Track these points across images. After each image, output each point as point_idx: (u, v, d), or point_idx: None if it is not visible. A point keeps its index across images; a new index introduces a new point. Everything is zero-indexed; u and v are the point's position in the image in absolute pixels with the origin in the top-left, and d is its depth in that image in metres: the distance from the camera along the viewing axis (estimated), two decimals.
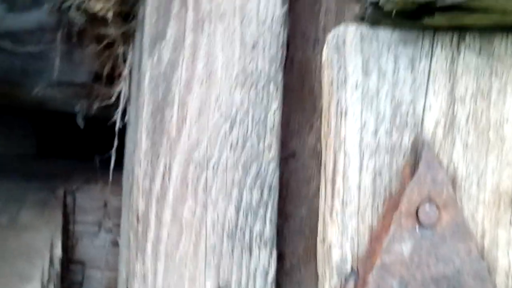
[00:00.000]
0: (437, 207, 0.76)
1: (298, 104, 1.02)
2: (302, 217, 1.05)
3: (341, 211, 0.78)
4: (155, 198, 0.84)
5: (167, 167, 0.83)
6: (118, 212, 1.16)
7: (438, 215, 0.76)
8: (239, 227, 0.86)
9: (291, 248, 1.03)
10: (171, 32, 0.82)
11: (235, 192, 0.85)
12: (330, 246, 0.78)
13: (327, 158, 0.78)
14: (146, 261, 0.84)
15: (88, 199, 1.20)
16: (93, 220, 1.21)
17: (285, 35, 0.88)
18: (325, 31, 1.03)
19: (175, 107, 0.83)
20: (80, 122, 1.10)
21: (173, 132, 0.83)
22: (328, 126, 0.78)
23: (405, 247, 0.76)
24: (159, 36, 0.82)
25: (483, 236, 0.79)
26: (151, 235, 0.84)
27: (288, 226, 1.02)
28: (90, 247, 1.20)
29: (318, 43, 1.02)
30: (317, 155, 1.02)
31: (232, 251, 0.86)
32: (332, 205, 0.78)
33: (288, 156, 1.02)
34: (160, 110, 0.83)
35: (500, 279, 0.80)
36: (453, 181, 0.78)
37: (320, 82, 0.90)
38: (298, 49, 1.01)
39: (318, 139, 1.02)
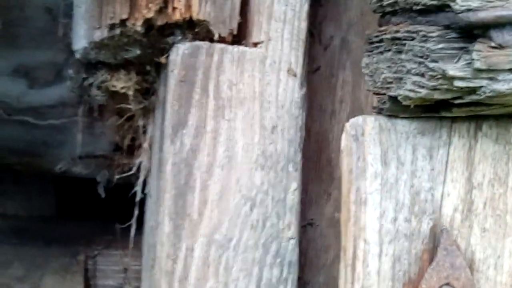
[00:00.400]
0: None
1: (316, 174, 1.04)
2: (320, 285, 1.07)
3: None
4: (177, 279, 0.86)
5: (189, 249, 0.85)
6: (138, 275, 1.18)
7: None
8: None
9: None
10: (192, 119, 0.84)
11: (255, 271, 0.87)
12: None
13: (347, 244, 0.79)
14: None
15: (109, 264, 1.22)
16: (114, 284, 1.22)
17: (304, 117, 0.90)
18: (342, 103, 1.06)
19: (197, 191, 0.85)
20: (101, 191, 1.12)
21: (195, 215, 0.85)
22: (348, 213, 0.79)
23: None
24: (181, 123, 0.84)
25: None
26: None
27: None
28: None
29: (335, 115, 1.05)
30: (335, 224, 1.03)
31: None
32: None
33: (306, 225, 1.04)
34: (182, 195, 0.85)
35: None
36: (471, 264, 0.80)
37: (337, 152, 0.93)
38: (315, 120, 1.03)
39: (336, 208, 1.04)
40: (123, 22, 0.88)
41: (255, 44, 0.90)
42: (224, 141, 0.87)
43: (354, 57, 1.02)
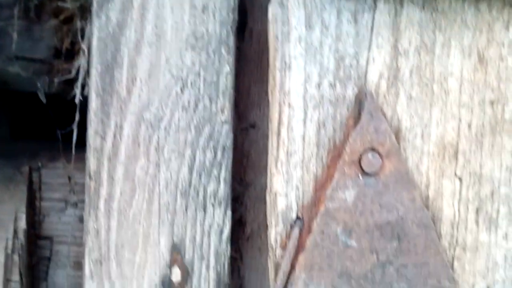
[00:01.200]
0: (380, 156, 0.78)
1: (258, 76, 1.03)
2: (262, 186, 1.06)
3: (286, 161, 0.79)
4: (106, 156, 0.85)
5: (118, 126, 0.84)
6: (83, 188, 1.17)
7: (381, 164, 0.77)
8: (192, 186, 0.87)
9: (251, 215, 1.04)
10: None
11: (188, 153, 0.87)
12: (276, 195, 0.79)
13: (273, 110, 0.79)
14: (99, 218, 0.85)
15: (54, 176, 1.21)
16: (59, 197, 1.21)
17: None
18: None
19: (125, 68, 0.84)
20: (42, 97, 1.11)
21: (123, 93, 0.84)
22: (273, 80, 0.79)
23: (349, 195, 0.77)
24: None
25: (427, 186, 0.81)
26: (103, 192, 0.85)
27: (248, 194, 1.04)
28: (57, 223, 1.21)
29: None
30: None
31: (186, 209, 0.87)
32: (278, 156, 0.79)
33: (248, 127, 1.04)
34: (109, 71, 0.84)
35: (445, 229, 0.82)
36: (397, 133, 0.80)
37: None
38: (257, 21, 1.02)
39: None
40: None
41: None
42: (152, 18, 0.86)
43: None
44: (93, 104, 0.85)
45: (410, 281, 0.80)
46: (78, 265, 1.18)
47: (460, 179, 0.82)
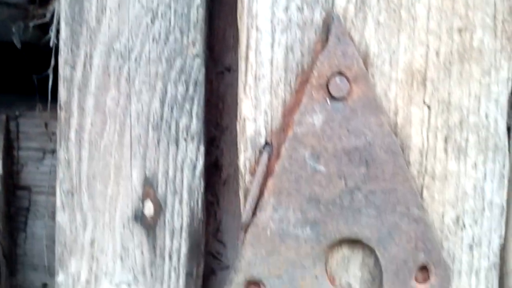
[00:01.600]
0: (348, 80, 0.78)
1: (233, 19, 1.03)
2: None
3: (254, 86, 0.79)
4: (76, 86, 0.85)
5: (88, 56, 0.84)
6: None
7: (348, 88, 0.78)
8: (164, 120, 0.87)
9: (228, 159, 1.04)
10: None
11: (159, 85, 0.87)
12: (244, 121, 0.79)
13: (241, 36, 0.79)
14: (70, 148, 0.85)
15: (32, 126, 1.21)
16: (37, 146, 1.21)
17: None
18: None
19: None
20: (17, 43, 1.11)
21: (93, 22, 0.84)
22: (241, 4, 0.79)
23: (317, 119, 0.77)
24: None
25: (396, 113, 0.81)
26: (74, 122, 0.85)
27: (224, 139, 1.04)
28: (35, 172, 1.21)
29: None
30: None
31: (158, 143, 0.87)
32: (246, 81, 0.79)
33: (224, 70, 1.04)
34: (78, 0, 0.84)
35: (414, 157, 0.82)
36: (365, 58, 0.80)
37: None
38: None
39: None
40: None
41: None
42: None
43: None
44: (63, 33, 0.85)
45: (378, 208, 0.80)
46: None
47: (429, 107, 0.82)
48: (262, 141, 0.80)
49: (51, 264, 1.23)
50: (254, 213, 0.79)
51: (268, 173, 0.79)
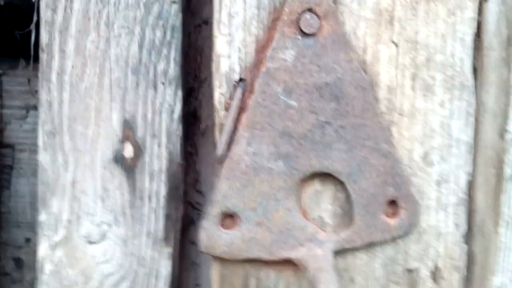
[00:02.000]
0: (318, 17, 0.81)
1: None
2: None
3: (228, 23, 0.82)
4: (57, 29, 0.88)
5: (69, 0, 0.87)
6: None
7: (319, 24, 0.81)
8: (143, 64, 0.90)
9: (206, 111, 1.07)
10: None
11: (137, 30, 0.89)
12: (219, 57, 0.82)
13: None
14: (51, 90, 0.88)
15: (15, 84, 1.23)
16: (20, 105, 1.24)
17: None
18: None
19: None
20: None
21: None
22: None
23: (289, 55, 0.81)
24: None
25: (365, 51, 0.84)
26: (55, 65, 0.88)
27: (203, 91, 1.06)
28: (19, 130, 1.23)
29: None
30: None
31: (137, 86, 0.90)
32: (220, 18, 0.82)
33: (201, 23, 1.06)
34: None
35: (382, 93, 0.85)
36: None
37: None
38: None
39: None
40: None
41: None
42: None
43: None
44: None
45: (348, 143, 0.83)
46: None
47: (396, 45, 0.85)
48: (236, 77, 0.83)
49: (34, 220, 1.26)
50: (229, 147, 0.82)
51: (242, 108, 0.82)
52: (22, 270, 1.26)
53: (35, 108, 1.21)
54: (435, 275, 0.90)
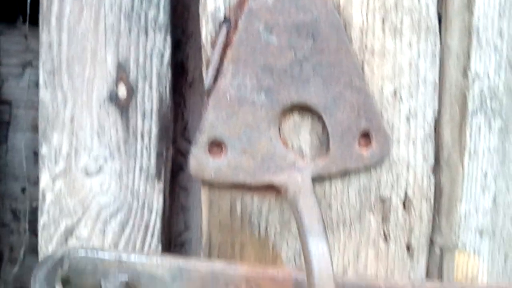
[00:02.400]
0: None
1: None
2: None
3: None
4: None
5: None
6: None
7: None
8: (135, 10, 0.97)
9: (193, 64, 1.15)
10: None
11: None
12: None
13: None
14: (51, 32, 0.95)
15: (12, 43, 1.30)
16: (16, 62, 1.30)
17: None
18: None
19: None
20: None
21: None
22: None
23: None
24: None
25: None
26: (54, 9, 0.95)
27: (190, 44, 1.14)
28: (15, 87, 1.30)
29: None
30: None
31: (130, 31, 0.98)
32: None
33: None
34: None
35: (355, 34, 0.93)
36: None
37: None
38: None
39: None
40: None
41: None
42: None
43: None
44: None
45: (324, 78, 0.91)
46: (35, 128, 1.27)
47: None
48: (222, 16, 0.91)
49: (30, 173, 1.33)
50: (215, 80, 0.90)
51: (227, 45, 0.90)
52: (19, 221, 1.33)
53: (31, 65, 1.28)
54: (406, 204, 0.98)
